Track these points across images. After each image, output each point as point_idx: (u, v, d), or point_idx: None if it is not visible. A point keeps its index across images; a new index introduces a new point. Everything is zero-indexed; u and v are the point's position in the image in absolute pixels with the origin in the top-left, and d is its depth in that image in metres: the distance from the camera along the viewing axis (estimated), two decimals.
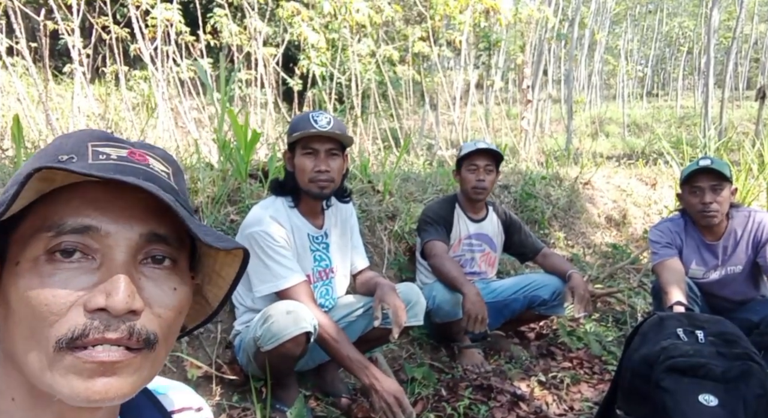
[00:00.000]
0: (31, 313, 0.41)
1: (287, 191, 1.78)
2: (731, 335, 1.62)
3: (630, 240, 4.20)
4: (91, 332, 0.41)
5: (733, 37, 12.56)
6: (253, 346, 1.63)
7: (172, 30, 4.71)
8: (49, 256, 0.43)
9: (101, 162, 0.45)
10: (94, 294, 0.42)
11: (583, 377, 2.21)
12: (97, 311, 0.41)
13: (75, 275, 0.42)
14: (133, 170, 0.46)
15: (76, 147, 0.46)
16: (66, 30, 4.31)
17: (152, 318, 0.44)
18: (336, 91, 5.67)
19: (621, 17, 23.94)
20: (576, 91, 17.06)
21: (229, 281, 0.53)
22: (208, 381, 1.79)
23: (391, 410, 1.55)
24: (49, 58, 4.74)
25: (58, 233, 0.43)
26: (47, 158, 0.46)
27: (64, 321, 0.41)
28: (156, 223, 0.46)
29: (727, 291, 2.19)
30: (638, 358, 1.64)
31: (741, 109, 17.30)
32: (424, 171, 4.17)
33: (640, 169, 5.44)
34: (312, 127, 1.64)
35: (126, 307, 0.41)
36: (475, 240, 2.47)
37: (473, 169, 2.35)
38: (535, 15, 6.70)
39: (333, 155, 1.70)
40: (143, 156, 0.48)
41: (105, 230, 0.43)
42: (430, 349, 2.41)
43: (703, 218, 2.10)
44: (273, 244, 1.67)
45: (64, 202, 0.44)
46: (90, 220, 0.43)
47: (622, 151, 10.19)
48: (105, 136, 0.48)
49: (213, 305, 0.55)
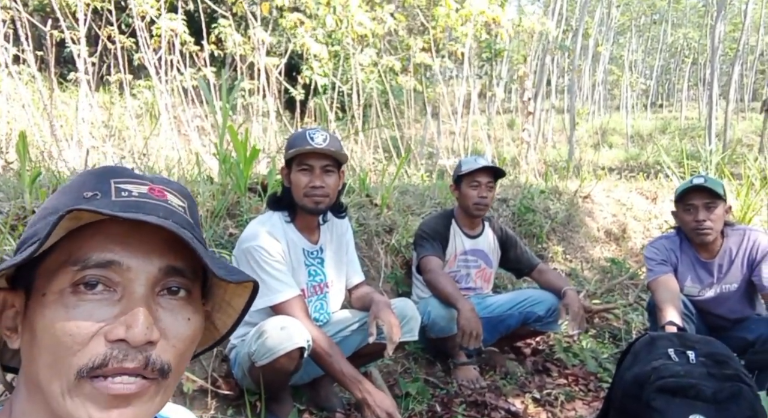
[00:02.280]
0: (55, 342, 0.44)
1: (283, 206, 1.81)
2: (722, 356, 1.62)
3: (629, 255, 4.19)
4: (110, 362, 0.44)
5: (738, 49, 12.58)
6: (247, 361, 1.64)
7: (176, 40, 4.77)
8: (74, 288, 0.46)
9: (123, 199, 0.48)
10: (115, 325, 0.44)
11: (578, 394, 2.21)
12: (117, 342, 0.44)
13: (98, 306, 0.45)
14: (154, 207, 0.49)
15: (100, 184, 0.49)
16: (72, 39, 4.37)
17: (167, 348, 0.47)
18: (338, 100, 5.71)
19: (625, 28, 24.02)
20: (579, 102, 17.11)
21: (238, 311, 0.56)
22: (204, 395, 1.79)
23: None
24: (55, 66, 4.82)
25: (83, 267, 0.46)
26: (72, 194, 0.49)
27: (86, 350, 0.44)
28: (173, 257, 0.48)
29: (722, 309, 2.20)
30: (629, 377, 1.65)
31: (746, 120, 17.24)
32: (423, 183, 4.18)
33: (640, 183, 5.44)
34: (308, 144, 1.68)
35: (144, 339, 0.44)
36: (470, 256, 2.49)
37: (475, 185, 2.36)
38: (537, 27, 6.74)
39: (328, 172, 1.73)
40: (162, 192, 0.51)
41: (126, 265, 0.46)
42: (425, 364, 2.41)
43: (696, 235, 2.11)
44: (269, 258, 1.69)
45: (89, 238, 0.47)
46: (113, 255, 0.46)
47: (624, 162, 10.18)
48: (126, 173, 0.52)
49: (221, 331, 0.59)
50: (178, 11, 4.95)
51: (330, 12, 4.83)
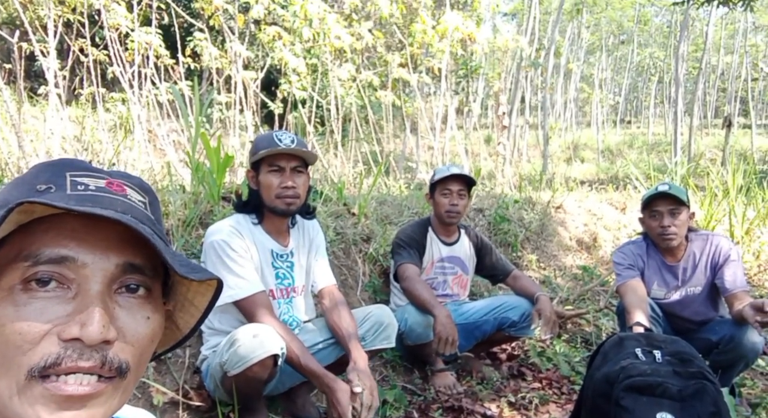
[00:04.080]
0: (4, 341, 0.42)
1: (250, 209, 1.79)
2: (687, 354, 1.68)
3: (600, 262, 4.30)
4: (64, 361, 0.42)
5: (700, 68, 13.19)
6: (219, 371, 1.60)
7: (151, 53, 4.72)
8: (24, 285, 0.43)
9: (79, 193, 0.46)
10: (69, 324, 0.42)
11: (552, 397, 2.24)
12: (71, 341, 0.42)
13: (50, 304, 0.43)
14: (111, 201, 0.46)
15: (54, 177, 0.47)
16: (42, 51, 4.29)
17: (125, 347, 0.45)
18: (317, 114, 5.74)
19: (595, 47, 24.93)
20: (552, 118, 17.58)
21: (201, 309, 0.54)
22: (175, 407, 1.75)
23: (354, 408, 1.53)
24: (24, 80, 4.72)
25: (35, 262, 0.43)
26: (25, 187, 0.46)
27: (37, 349, 0.42)
28: (132, 253, 0.47)
29: (687, 312, 2.28)
30: (599, 377, 1.69)
31: (710, 136, 18.00)
32: (401, 194, 4.23)
33: (610, 194, 5.61)
34: (277, 145, 1.67)
35: (100, 337, 0.42)
36: (447, 263, 2.52)
37: (447, 193, 2.41)
38: (511, 45, 6.95)
39: (298, 172, 1.73)
40: (121, 186, 0.49)
41: (82, 261, 0.44)
42: (402, 371, 2.41)
43: (662, 240, 2.19)
44: (231, 253, 1.66)
45: (41, 233, 0.44)
46: (67, 250, 0.44)
47: (596, 176, 10.48)
48: (83, 166, 0.49)
49: (183, 331, 0.56)
50: (152, 24, 4.93)
51: (306, 25, 4.88)
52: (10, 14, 7.04)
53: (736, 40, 21.93)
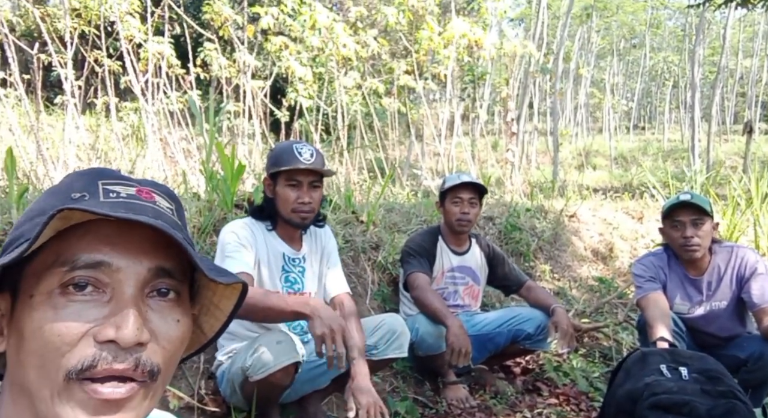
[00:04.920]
0: (44, 343, 0.44)
1: (266, 217, 1.83)
2: (715, 372, 1.59)
3: (617, 274, 4.18)
4: (99, 363, 0.43)
5: (718, 72, 12.98)
6: (240, 375, 1.62)
7: (163, 63, 4.80)
8: (63, 289, 0.45)
9: (112, 200, 0.48)
10: (105, 326, 0.44)
11: (569, 414, 2.15)
12: (106, 343, 0.43)
13: (87, 307, 0.45)
14: (142, 208, 0.48)
15: (88, 185, 0.49)
16: (59, 62, 4.37)
17: (157, 350, 0.46)
18: (323, 122, 5.75)
19: (606, 51, 24.73)
20: (562, 124, 17.42)
21: (226, 313, 0.55)
22: (190, 412, 1.76)
23: (332, 339, 1.47)
24: (42, 90, 4.80)
25: (72, 267, 0.45)
26: (60, 196, 0.49)
27: (75, 351, 0.43)
28: (163, 258, 0.48)
29: (713, 327, 2.17)
30: (622, 394, 1.61)
31: (729, 143, 17.61)
32: (408, 202, 4.17)
33: (626, 203, 5.48)
34: (298, 162, 1.71)
35: (135, 339, 0.43)
36: (458, 273, 2.45)
37: (457, 202, 2.36)
38: (519, 50, 6.88)
39: (315, 187, 1.77)
40: (150, 194, 0.51)
41: (116, 265, 0.46)
42: (413, 383, 2.35)
43: (684, 252, 2.09)
44: (234, 242, 1.71)
45: (78, 239, 0.46)
46: (102, 255, 0.46)
47: (609, 183, 10.31)
48: (114, 175, 0.51)
49: (208, 335, 0.58)
50: (165, 35, 4.99)
51: (315, 34, 4.90)
52: (29, 26, 7.18)
53: (755, 43, 21.58)
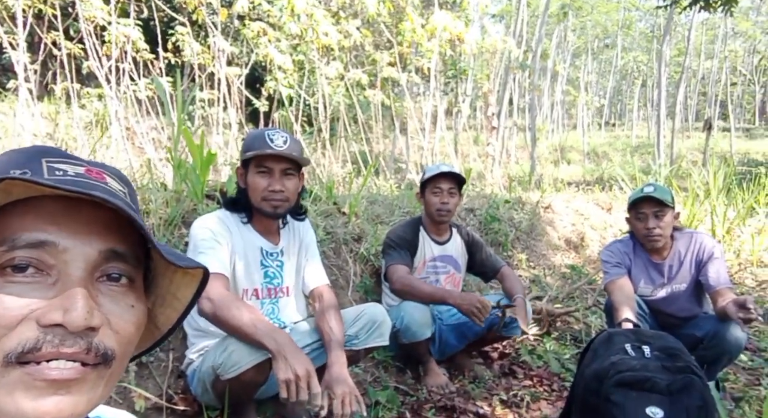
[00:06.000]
0: None
1: (240, 208, 1.73)
2: (674, 349, 1.72)
3: (587, 261, 4.37)
4: (44, 346, 0.39)
5: (682, 72, 13.45)
6: (211, 374, 1.53)
7: (129, 47, 4.51)
8: (1, 271, 0.41)
9: (58, 178, 0.43)
10: (50, 309, 0.40)
11: (543, 394, 2.27)
12: (51, 327, 0.39)
13: (28, 289, 0.41)
14: (92, 187, 0.44)
15: (29, 162, 0.44)
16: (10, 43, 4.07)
17: (110, 334, 0.42)
18: (304, 113, 5.68)
19: (581, 50, 25.26)
20: (540, 120, 17.77)
21: (185, 303, 0.51)
22: (158, 413, 1.67)
23: (296, 385, 1.36)
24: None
25: (11, 247, 0.41)
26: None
27: (13, 335, 0.39)
28: (115, 240, 0.44)
29: (673, 308, 2.32)
30: (590, 373, 1.72)
31: (691, 139, 18.37)
32: (391, 193, 4.23)
33: (597, 195, 5.70)
34: (267, 147, 1.60)
35: (85, 323, 0.39)
36: (439, 262, 2.53)
37: (437, 192, 2.41)
38: (499, 46, 7.01)
39: (288, 175, 1.66)
40: (100, 174, 0.46)
41: (62, 246, 0.42)
42: (395, 372, 2.39)
43: (647, 241, 2.24)
44: (208, 238, 1.61)
45: (18, 217, 0.42)
46: (46, 235, 0.41)
47: (582, 177, 10.63)
48: (60, 153, 0.46)
49: (163, 329, 0.53)
50: (130, 16, 4.64)
51: (294, 20, 4.79)
52: None
53: (716, 46, 22.45)
